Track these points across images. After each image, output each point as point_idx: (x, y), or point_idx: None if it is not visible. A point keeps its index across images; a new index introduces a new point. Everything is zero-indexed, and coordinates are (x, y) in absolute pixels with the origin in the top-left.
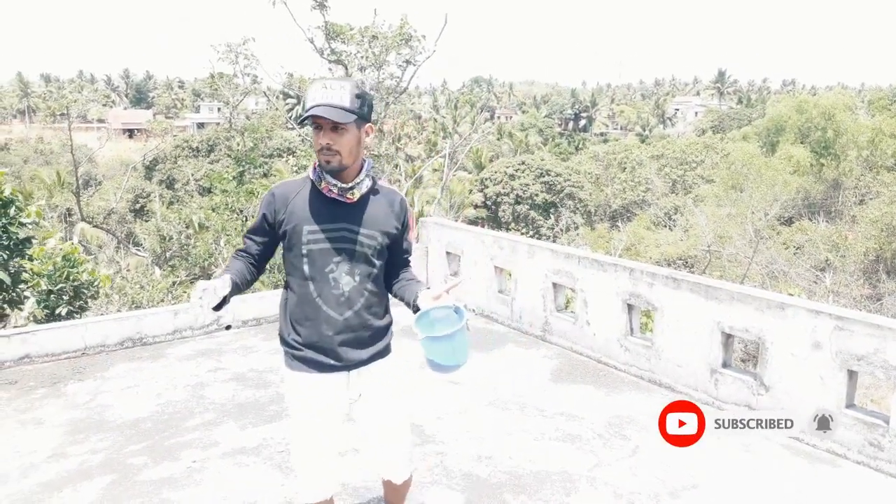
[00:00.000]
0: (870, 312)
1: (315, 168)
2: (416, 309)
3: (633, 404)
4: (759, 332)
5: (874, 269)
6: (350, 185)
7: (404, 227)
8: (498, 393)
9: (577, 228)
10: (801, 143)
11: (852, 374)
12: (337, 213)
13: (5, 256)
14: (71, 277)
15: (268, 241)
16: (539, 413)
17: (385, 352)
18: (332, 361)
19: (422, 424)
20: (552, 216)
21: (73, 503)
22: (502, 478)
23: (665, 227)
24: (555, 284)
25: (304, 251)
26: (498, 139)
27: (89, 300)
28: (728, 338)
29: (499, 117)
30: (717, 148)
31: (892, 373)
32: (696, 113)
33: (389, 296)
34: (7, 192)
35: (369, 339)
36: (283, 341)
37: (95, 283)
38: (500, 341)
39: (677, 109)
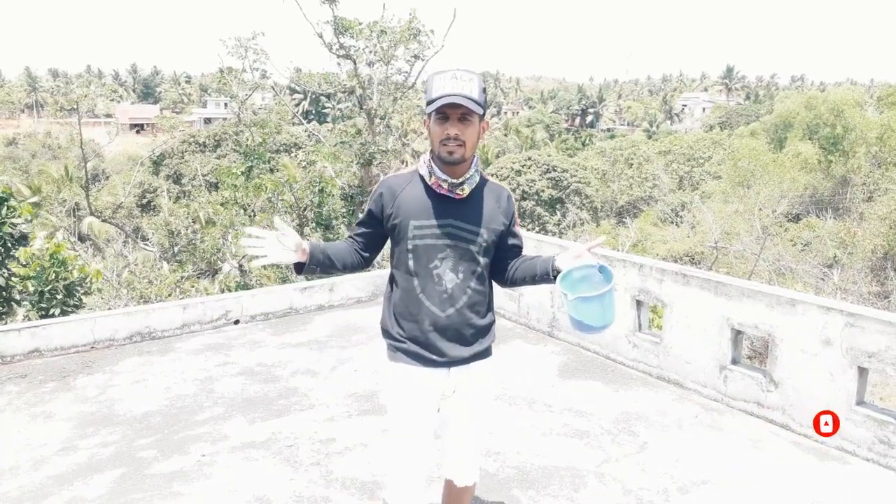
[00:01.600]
0: (878, 310)
1: (427, 162)
2: (556, 272)
3: (641, 400)
4: (769, 329)
5: (882, 267)
6: (460, 180)
7: (511, 222)
8: (506, 388)
9: (582, 225)
10: (810, 139)
11: (863, 371)
12: (445, 209)
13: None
14: (60, 277)
15: (374, 232)
16: (547, 409)
17: (486, 353)
18: (433, 357)
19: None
20: (558, 212)
21: (84, 496)
22: (510, 473)
23: (672, 223)
24: None
25: (410, 246)
26: (505, 135)
27: (83, 297)
28: (737, 334)
29: (505, 113)
30: (725, 144)
31: None
32: (704, 109)
33: (493, 295)
34: None
35: (471, 337)
36: (386, 333)
37: (87, 280)
38: (508, 337)
39: (685, 105)
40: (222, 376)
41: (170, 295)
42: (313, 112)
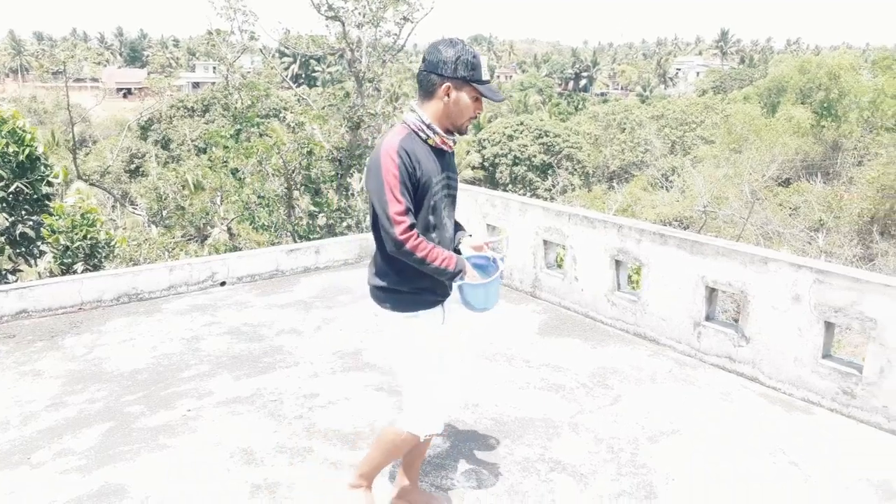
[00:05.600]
0: (845, 267)
1: (424, 124)
2: (456, 251)
3: (617, 356)
4: (741, 286)
5: (868, 231)
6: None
7: None
8: (486, 346)
9: (574, 190)
10: (802, 103)
11: (829, 326)
12: (443, 163)
13: (30, 211)
14: (88, 236)
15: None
16: (525, 364)
17: None
18: (442, 298)
19: None
20: (550, 177)
21: (73, 448)
22: (488, 424)
23: (662, 188)
24: (545, 242)
25: (432, 203)
26: None
27: (104, 260)
28: (712, 292)
29: (498, 76)
30: (718, 108)
31: (867, 324)
32: (698, 73)
33: None
34: (40, 150)
35: None
36: (399, 291)
37: (112, 244)
38: None
39: (679, 69)
40: (208, 335)
41: (158, 259)
42: (303, 75)
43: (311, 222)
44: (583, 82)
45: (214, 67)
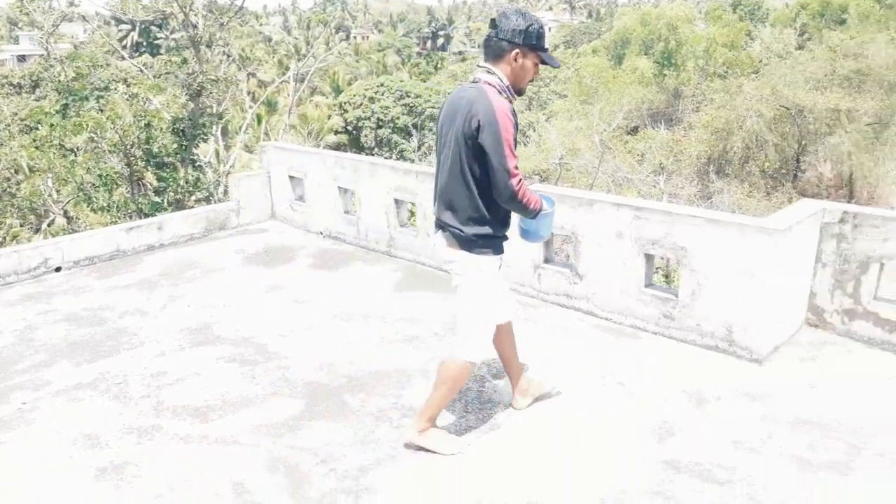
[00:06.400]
0: (658, 202)
1: (505, 86)
2: None
3: None
4: (573, 228)
5: (705, 171)
6: None
7: None
8: (343, 307)
9: None
10: (646, 54)
11: (649, 258)
12: None
13: None
14: None
15: None
16: (381, 320)
17: None
18: None
19: (265, 343)
20: (415, 139)
21: None
22: (342, 381)
23: (521, 143)
24: (397, 201)
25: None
26: (357, 61)
27: None
28: None
29: (355, 37)
30: (569, 63)
31: (679, 252)
32: (550, 28)
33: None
34: None
35: None
36: (493, 236)
37: None
38: (348, 260)
39: None
40: (43, 324)
41: None
42: (144, 44)
43: (157, 200)
44: (440, 41)
45: (41, 38)
